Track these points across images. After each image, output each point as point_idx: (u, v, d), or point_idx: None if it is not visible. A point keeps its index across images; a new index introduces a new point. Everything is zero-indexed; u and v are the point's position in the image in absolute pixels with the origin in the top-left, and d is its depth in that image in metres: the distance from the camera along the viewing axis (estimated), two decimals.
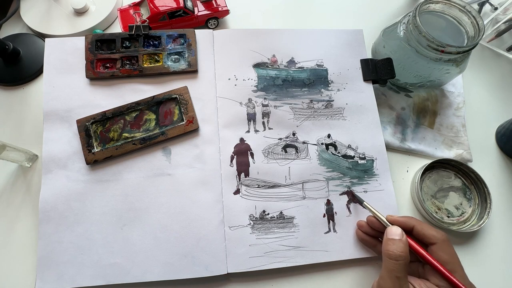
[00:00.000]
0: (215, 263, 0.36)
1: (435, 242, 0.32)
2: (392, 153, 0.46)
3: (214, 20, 0.51)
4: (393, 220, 0.34)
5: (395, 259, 0.30)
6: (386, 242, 0.32)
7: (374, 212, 0.36)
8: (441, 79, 0.45)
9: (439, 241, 0.32)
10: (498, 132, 0.48)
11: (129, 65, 0.43)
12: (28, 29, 0.51)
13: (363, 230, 0.37)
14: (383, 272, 0.31)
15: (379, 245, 0.37)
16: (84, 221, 0.37)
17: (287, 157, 0.41)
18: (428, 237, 0.32)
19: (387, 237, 0.32)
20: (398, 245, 0.31)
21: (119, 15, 0.49)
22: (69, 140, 0.39)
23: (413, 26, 0.40)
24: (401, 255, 0.30)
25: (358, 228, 0.38)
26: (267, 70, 0.44)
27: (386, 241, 0.32)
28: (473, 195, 0.43)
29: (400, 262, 0.30)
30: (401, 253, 0.30)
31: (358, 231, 0.38)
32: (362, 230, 0.38)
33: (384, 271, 0.31)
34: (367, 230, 0.37)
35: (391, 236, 0.32)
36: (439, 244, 0.31)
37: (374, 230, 0.36)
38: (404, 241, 0.31)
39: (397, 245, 0.31)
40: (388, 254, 0.31)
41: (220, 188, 0.39)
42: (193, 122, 0.41)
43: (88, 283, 0.35)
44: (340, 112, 0.44)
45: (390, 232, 0.32)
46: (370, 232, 0.37)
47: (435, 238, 0.32)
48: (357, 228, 0.38)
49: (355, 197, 0.39)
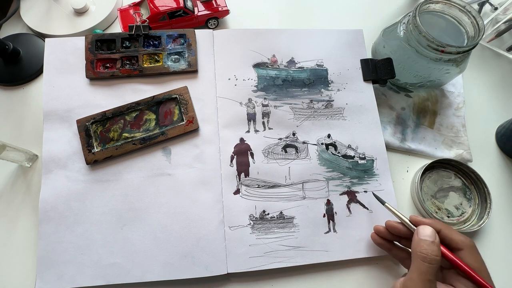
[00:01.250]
0: (215, 263, 0.36)
1: (462, 247, 0.30)
2: (392, 153, 0.46)
3: (214, 20, 0.51)
4: (419, 221, 0.33)
5: (429, 262, 0.28)
6: (418, 243, 0.30)
7: (398, 214, 0.34)
8: (441, 79, 0.45)
9: (467, 247, 0.30)
10: (498, 132, 0.48)
11: (129, 65, 0.43)
12: (28, 29, 0.51)
13: (381, 235, 0.36)
14: (413, 274, 0.29)
15: (394, 249, 0.36)
16: (84, 221, 0.37)
17: (287, 157, 0.41)
18: (456, 242, 0.31)
19: (419, 237, 0.30)
20: (432, 247, 0.29)
21: (119, 15, 0.49)
22: (69, 140, 0.39)
23: (413, 26, 0.40)
24: (436, 258, 0.29)
25: (375, 232, 0.37)
26: (267, 70, 0.44)
27: (418, 241, 0.30)
28: (473, 195, 0.43)
29: (433, 266, 0.28)
30: (435, 257, 0.29)
31: (374, 236, 0.37)
32: (380, 235, 0.36)
33: (414, 273, 0.29)
34: (385, 235, 0.36)
35: (423, 237, 0.30)
36: (467, 250, 0.30)
37: (392, 234, 0.35)
38: (438, 243, 0.30)
39: (431, 247, 0.29)
40: (422, 256, 0.29)
41: (220, 188, 0.39)
42: (193, 122, 0.41)
43: (88, 283, 0.35)
44: (340, 112, 0.44)
45: (423, 233, 0.30)
46: (388, 236, 0.36)
47: (463, 243, 0.30)
48: (374, 232, 0.37)
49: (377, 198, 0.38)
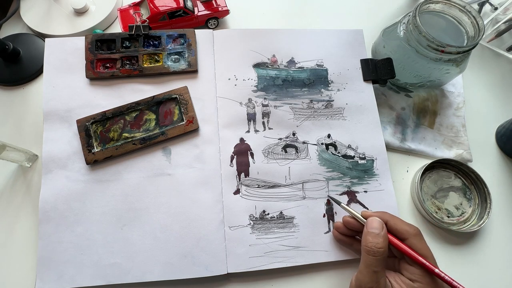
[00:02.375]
0: (215, 263, 0.36)
1: (407, 236, 0.32)
2: (392, 153, 0.46)
3: (214, 20, 0.51)
4: (368, 215, 0.34)
5: (374, 254, 0.30)
6: (365, 236, 0.32)
7: (351, 212, 0.35)
8: (441, 79, 0.45)
9: (412, 235, 0.31)
10: (498, 132, 0.48)
11: (129, 65, 0.43)
12: (28, 29, 0.51)
13: (340, 231, 0.37)
14: (361, 267, 0.31)
15: (355, 244, 0.37)
16: (84, 221, 0.37)
17: (287, 157, 0.41)
18: (401, 231, 0.32)
19: (367, 230, 0.32)
20: (377, 239, 0.30)
21: (119, 15, 0.49)
22: (69, 140, 0.39)
23: (413, 26, 0.40)
24: (379, 251, 0.30)
25: (335, 229, 0.38)
26: (267, 70, 0.44)
27: (366, 234, 0.32)
28: (473, 195, 0.43)
29: (377, 258, 0.30)
30: (379, 249, 0.30)
31: (334, 232, 0.38)
32: (339, 231, 0.37)
33: (362, 266, 0.30)
34: (344, 231, 0.37)
35: (371, 229, 0.32)
36: (413, 238, 0.31)
37: (351, 230, 0.36)
38: (383, 235, 0.31)
39: (375, 239, 0.30)
40: (366, 249, 0.30)
41: (220, 188, 0.39)
42: (193, 122, 0.41)
43: (88, 283, 0.35)
44: (340, 112, 0.44)
45: (370, 225, 0.32)
46: (347, 232, 0.37)
47: (408, 233, 0.32)
48: (334, 229, 0.38)
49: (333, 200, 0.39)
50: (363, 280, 0.30)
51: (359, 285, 0.30)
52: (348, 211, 0.36)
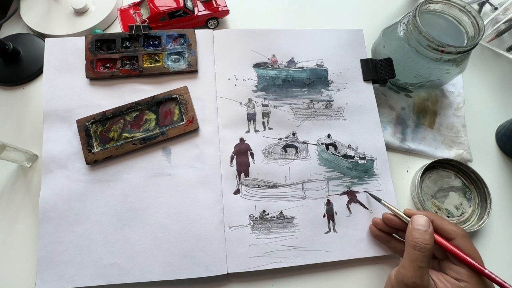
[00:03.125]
0: (215, 263, 0.36)
1: (454, 237, 0.31)
2: (392, 153, 0.46)
3: (214, 20, 0.51)
4: (411, 213, 0.34)
5: (420, 250, 0.30)
6: (411, 232, 0.31)
7: (392, 209, 0.36)
8: (441, 79, 0.45)
9: (459, 236, 0.31)
10: (498, 132, 0.48)
11: (129, 65, 0.43)
12: (28, 29, 0.51)
13: (378, 227, 0.37)
14: (405, 261, 0.30)
15: (393, 241, 0.37)
16: (84, 221, 0.37)
17: (287, 157, 0.41)
18: (448, 231, 0.32)
19: (413, 226, 0.32)
20: (424, 236, 0.30)
21: (119, 15, 0.49)
22: (69, 140, 0.39)
23: (413, 26, 0.40)
24: (426, 247, 0.30)
25: (373, 224, 0.38)
26: (267, 70, 0.44)
27: (411, 230, 0.31)
28: (473, 195, 0.43)
29: (424, 253, 0.30)
30: (427, 245, 0.30)
31: (372, 228, 0.38)
32: (377, 227, 0.37)
33: (406, 260, 0.30)
34: (382, 227, 0.37)
35: (417, 226, 0.31)
36: (459, 238, 0.31)
37: (389, 227, 0.36)
38: (430, 232, 0.31)
39: (423, 236, 0.30)
40: (413, 244, 0.30)
41: (220, 188, 0.39)
42: (193, 122, 0.41)
43: (88, 283, 0.35)
44: (340, 112, 0.44)
45: (417, 222, 0.32)
46: (386, 229, 0.37)
47: (455, 233, 0.31)
48: (372, 224, 0.38)
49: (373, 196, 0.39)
50: (406, 274, 0.30)
51: (402, 279, 0.30)
52: (390, 209, 0.36)
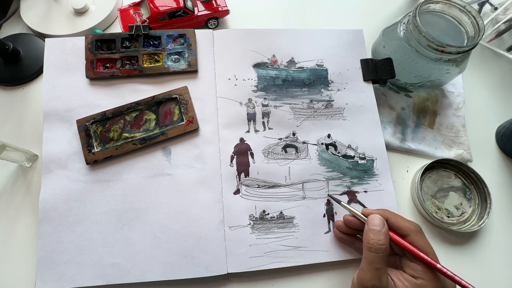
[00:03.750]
0: (215, 263, 0.36)
1: (409, 233, 0.31)
2: (392, 153, 0.46)
3: (214, 20, 0.51)
4: (368, 212, 0.34)
5: (376, 251, 0.30)
6: (366, 233, 0.31)
7: (351, 210, 0.35)
8: (441, 79, 0.45)
9: (413, 232, 0.31)
10: (498, 132, 0.48)
11: (129, 65, 0.43)
12: (28, 29, 0.51)
13: (341, 230, 0.37)
14: (363, 264, 0.31)
15: (356, 242, 0.37)
16: (84, 221, 0.37)
17: (287, 157, 0.41)
18: (402, 228, 0.32)
19: (368, 227, 0.32)
20: (379, 236, 0.30)
21: (119, 15, 0.49)
22: (69, 140, 0.39)
23: (413, 26, 0.40)
24: (381, 248, 0.30)
25: (336, 228, 0.38)
26: (267, 70, 0.44)
27: (367, 231, 0.32)
28: (473, 195, 0.43)
29: (379, 254, 0.30)
30: (381, 246, 0.30)
31: (335, 231, 0.38)
32: (340, 230, 0.37)
33: (364, 263, 0.30)
34: (345, 230, 0.37)
35: (372, 226, 0.32)
36: (413, 234, 0.31)
37: (352, 228, 0.36)
38: (385, 232, 0.31)
39: (377, 236, 0.30)
40: (368, 246, 0.30)
41: (220, 188, 0.39)
42: (193, 122, 0.41)
43: (88, 283, 0.35)
44: (340, 112, 0.44)
45: (371, 222, 0.32)
46: (348, 231, 0.37)
47: (409, 229, 0.32)
48: (335, 228, 0.38)
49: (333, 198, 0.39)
50: (365, 277, 0.30)
51: (361, 282, 0.30)
52: (348, 209, 0.36)
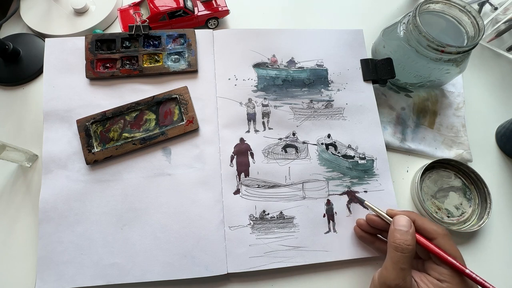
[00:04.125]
0: (215, 263, 0.36)
1: (436, 236, 0.31)
2: (392, 153, 0.46)
3: (214, 20, 0.51)
4: (394, 213, 0.34)
5: (402, 251, 0.29)
6: (392, 233, 0.31)
7: (376, 210, 0.35)
8: (441, 79, 0.45)
9: (440, 236, 0.31)
10: (498, 132, 0.48)
11: (129, 65, 0.43)
12: (28, 29, 0.51)
13: (362, 228, 0.37)
14: (387, 263, 0.30)
15: (377, 242, 0.37)
16: (84, 221, 0.37)
17: (287, 157, 0.41)
18: (429, 231, 0.32)
19: (394, 227, 0.31)
20: (406, 237, 0.30)
21: (119, 15, 0.49)
22: (69, 140, 0.39)
23: (413, 26, 0.40)
24: (408, 248, 0.29)
25: (357, 226, 0.38)
26: (267, 70, 0.44)
27: (393, 231, 0.31)
28: (473, 195, 0.43)
29: (406, 255, 0.29)
30: (408, 246, 0.30)
31: (356, 229, 0.38)
32: (361, 229, 0.37)
33: (388, 262, 0.30)
34: (366, 228, 0.37)
35: (398, 226, 0.31)
36: (440, 238, 0.31)
37: (373, 228, 0.36)
38: (412, 232, 0.31)
39: (404, 236, 0.30)
40: (395, 246, 0.30)
41: (220, 188, 0.39)
42: (193, 122, 0.41)
43: (88, 283, 0.35)
44: (340, 112, 0.44)
45: (398, 223, 0.31)
46: (370, 230, 0.37)
47: (436, 232, 0.31)
48: (356, 226, 0.38)
49: (356, 198, 0.39)
50: (389, 276, 0.29)
51: (384, 281, 0.30)
52: (372, 209, 0.36)
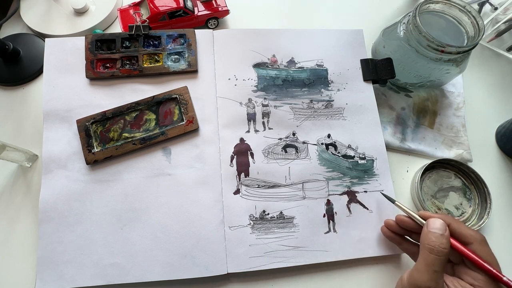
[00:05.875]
0: (215, 263, 0.36)
1: (472, 241, 0.30)
2: (392, 153, 0.46)
3: (214, 20, 0.51)
4: (427, 216, 0.33)
5: (437, 254, 0.29)
6: (426, 235, 0.30)
7: (408, 211, 0.35)
8: (441, 79, 0.45)
9: (477, 241, 0.30)
10: (498, 132, 0.48)
11: (129, 65, 0.43)
12: (28, 29, 0.51)
13: (391, 229, 0.36)
14: (420, 265, 0.29)
15: (405, 243, 0.36)
16: (84, 221, 0.37)
17: (287, 157, 0.41)
18: (466, 236, 0.31)
19: (429, 229, 0.31)
20: (441, 240, 0.29)
21: (119, 15, 0.49)
22: (69, 140, 0.39)
23: (413, 26, 0.40)
24: (443, 251, 0.29)
25: (385, 226, 0.37)
26: (267, 70, 0.44)
27: (427, 233, 0.30)
28: (473, 195, 0.43)
29: (441, 258, 0.29)
30: (444, 249, 0.29)
31: (384, 229, 0.37)
32: (390, 229, 0.37)
33: (421, 264, 0.29)
34: (395, 229, 0.36)
35: (433, 229, 0.30)
36: (477, 244, 0.30)
37: (402, 228, 0.36)
38: (447, 236, 0.30)
39: (439, 239, 0.29)
40: (429, 248, 0.29)
41: (220, 188, 0.39)
42: (193, 122, 0.41)
43: (88, 283, 0.35)
44: (340, 112, 0.44)
45: (433, 225, 0.31)
46: (399, 231, 0.36)
47: (473, 237, 0.30)
48: (384, 226, 0.37)
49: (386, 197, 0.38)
50: (421, 278, 0.29)
51: (415, 283, 0.29)
52: (404, 210, 0.35)
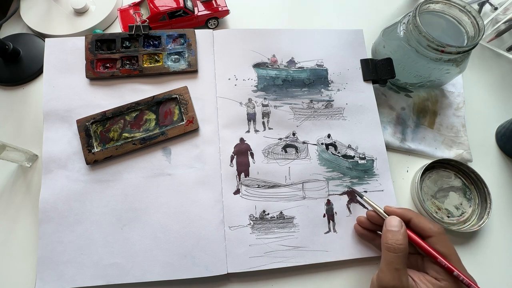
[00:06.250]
0: (215, 263, 0.36)
1: (431, 235, 0.31)
2: (392, 153, 0.46)
3: (214, 20, 0.51)
4: (391, 211, 0.34)
5: (394, 251, 0.30)
6: (385, 234, 0.32)
7: (373, 205, 0.36)
8: (441, 79, 0.45)
9: (436, 234, 0.31)
10: (498, 132, 0.48)
11: (129, 65, 0.43)
12: (28, 29, 0.51)
13: (363, 225, 0.37)
14: (382, 265, 0.30)
15: (377, 239, 0.37)
16: (84, 221, 0.37)
17: (287, 157, 0.41)
18: (425, 229, 0.32)
19: (386, 228, 0.32)
20: (397, 237, 0.30)
21: (119, 15, 0.49)
22: (69, 140, 0.39)
23: (413, 26, 0.40)
24: (399, 247, 0.30)
25: (357, 223, 0.38)
26: (267, 70, 0.44)
27: (385, 232, 0.32)
28: (473, 195, 0.43)
29: (398, 254, 0.30)
30: (400, 245, 0.30)
31: (357, 226, 0.38)
32: (362, 226, 0.37)
33: (383, 264, 0.30)
34: (367, 226, 0.37)
35: (390, 227, 0.32)
36: (436, 237, 0.31)
37: (374, 224, 0.36)
38: (403, 232, 0.31)
39: (396, 237, 0.30)
40: (386, 246, 0.30)
41: (220, 188, 0.39)
42: (193, 122, 0.41)
43: (88, 283, 0.35)
44: (340, 112, 0.44)
45: (389, 223, 0.32)
46: (370, 227, 0.37)
47: (432, 231, 0.32)
48: (356, 223, 0.38)
49: (355, 194, 0.39)
50: (384, 278, 0.29)
51: (381, 283, 0.30)
52: (370, 205, 0.36)
